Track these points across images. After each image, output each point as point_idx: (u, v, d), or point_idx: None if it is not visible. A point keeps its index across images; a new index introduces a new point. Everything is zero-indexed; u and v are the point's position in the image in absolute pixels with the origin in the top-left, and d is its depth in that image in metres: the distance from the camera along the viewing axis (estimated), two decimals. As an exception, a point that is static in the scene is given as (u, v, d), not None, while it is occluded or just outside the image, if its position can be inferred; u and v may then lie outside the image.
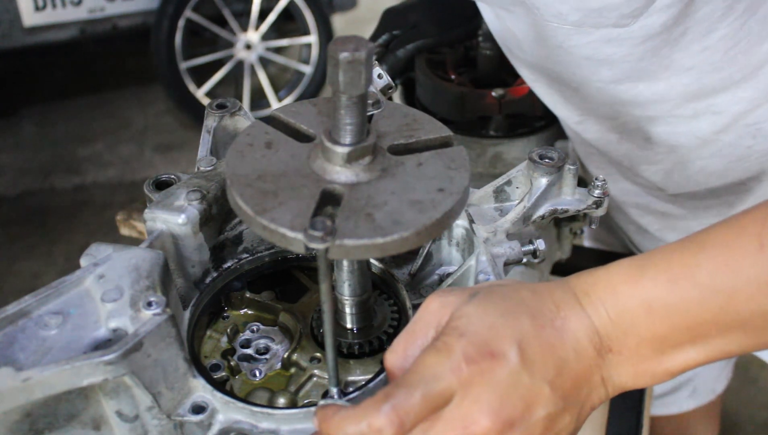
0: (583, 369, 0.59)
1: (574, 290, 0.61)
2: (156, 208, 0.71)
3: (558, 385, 0.57)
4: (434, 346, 0.56)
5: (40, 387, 0.57)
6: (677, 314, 0.59)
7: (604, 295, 0.60)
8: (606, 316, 0.60)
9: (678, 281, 0.59)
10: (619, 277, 0.61)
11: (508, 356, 0.55)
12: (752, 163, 0.97)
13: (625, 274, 0.61)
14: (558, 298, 0.60)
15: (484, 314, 0.57)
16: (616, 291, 0.60)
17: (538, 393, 0.56)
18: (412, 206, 0.58)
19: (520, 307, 0.58)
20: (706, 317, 0.58)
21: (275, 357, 0.75)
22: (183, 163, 3.93)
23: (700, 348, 0.60)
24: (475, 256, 0.73)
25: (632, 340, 0.60)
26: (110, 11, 3.91)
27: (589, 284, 0.61)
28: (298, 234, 0.55)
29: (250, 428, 0.64)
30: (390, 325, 0.74)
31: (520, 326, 0.57)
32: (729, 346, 0.60)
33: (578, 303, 0.60)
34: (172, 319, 0.62)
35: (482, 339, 0.56)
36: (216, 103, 0.85)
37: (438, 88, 1.14)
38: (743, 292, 0.57)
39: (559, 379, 0.57)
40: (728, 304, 0.58)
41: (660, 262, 0.60)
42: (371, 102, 0.69)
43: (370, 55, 0.55)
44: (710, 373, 1.50)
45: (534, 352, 0.56)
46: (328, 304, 0.60)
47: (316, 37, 4.19)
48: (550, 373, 0.57)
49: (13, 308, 0.61)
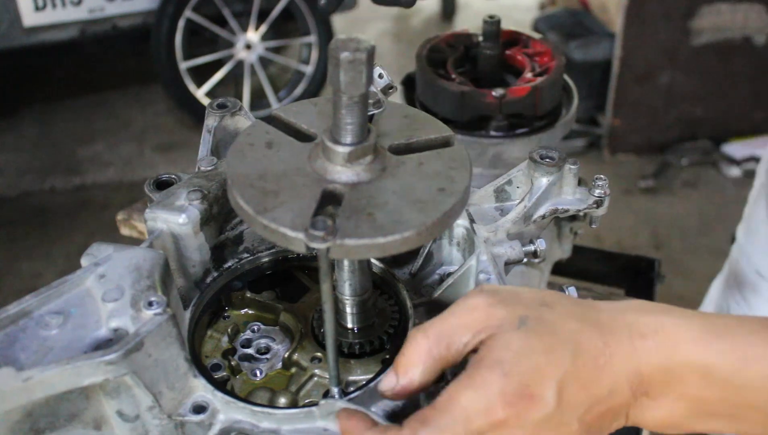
0: (614, 406, 0.58)
1: (631, 329, 0.59)
2: (157, 208, 0.71)
3: (586, 420, 0.57)
4: (472, 380, 0.55)
5: (41, 387, 0.57)
6: (732, 391, 0.58)
7: (664, 346, 0.58)
8: (657, 364, 0.58)
9: (749, 363, 0.57)
10: (689, 334, 0.58)
11: (546, 399, 0.55)
12: None
13: (696, 335, 0.58)
14: (608, 335, 0.58)
15: (531, 352, 0.56)
16: (678, 347, 0.58)
17: (566, 430, 0.56)
18: (413, 206, 0.58)
19: (566, 345, 0.57)
20: (758, 403, 0.58)
21: (276, 357, 0.75)
22: (183, 163, 3.92)
23: (734, 423, 0.60)
24: (475, 255, 0.73)
25: (674, 394, 0.59)
26: (110, 11, 3.91)
27: (650, 329, 0.59)
28: (299, 233, 0.55)
29: (250, 428, 0.64)
30: (390, 324, 0.74)
31: (563, 366, 0.56)
32: (762, 428, 0.60)
33: (631, 344, 0.58)
34: (172, 319, 0.62)
35: (524, 381, 0.55)
36: (216, 103, 0.85)
37: (438, 88, 1.14)
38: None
39: (589, 414, 0.57)
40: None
41: (738, 337, 0.58)
42: (372, 102, 0.69)
43: (371, 55, 0.55)
44: None
45: (571, 392, 0.56)
46: (329, 303, 0.60)
47: (316, 37, 4.19)
48: (581, 409, 0.57)
49: (14, 308, 0.61)
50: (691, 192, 3.73)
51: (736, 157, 3.81)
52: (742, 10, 3.58)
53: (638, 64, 3.65)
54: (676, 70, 3.70)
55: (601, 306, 0.61)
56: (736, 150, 3.84)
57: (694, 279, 3.18)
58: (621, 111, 3.78)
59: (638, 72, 3.68)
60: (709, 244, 3.38)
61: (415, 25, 5.59)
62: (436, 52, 1.22)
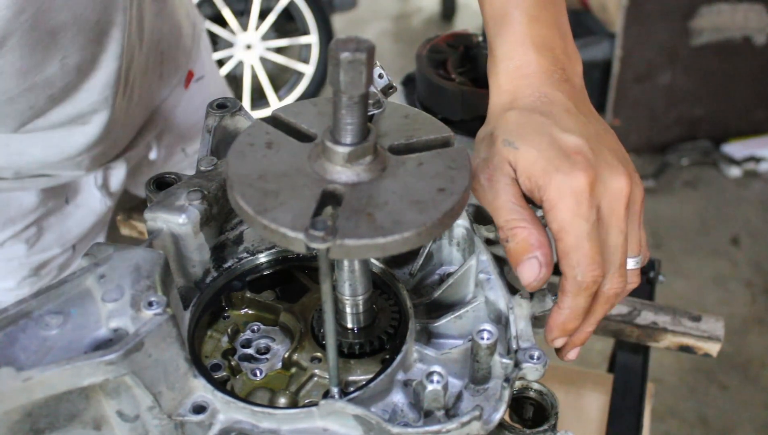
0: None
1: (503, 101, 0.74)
2: (157, 208, 0.71)
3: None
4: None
5: (40, 387, 0.57)
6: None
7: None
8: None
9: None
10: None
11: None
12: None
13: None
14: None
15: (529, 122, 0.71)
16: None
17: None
18: (413, 206, 0.58)
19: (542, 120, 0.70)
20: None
21: (276, 357, 0.75)
22: (183, 163, 3.92)
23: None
24: (475, 255, 0.73)
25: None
26: (110, 11, 3.91)
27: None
28: (299, 234, 0.55)
29: (250, 428, 0.64)
30: (390, 324, 0.74)
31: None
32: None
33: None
34: (172, 319, 0.62)
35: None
36: (216, 103, 0.85)
37: (439, 88, 1.14)
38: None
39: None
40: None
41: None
42: (372, 102, 0.69)
43: (371, 54, 0.55)
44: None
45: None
46: (329, 303, 0.60)
47: (316, 37, 4.19)
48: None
49: (14, 308, 0.61)
50: (691, 192, 3.73)
51: (736, 157, 3.81)
52: (742, 10, 3.58)
53: (638, 64, 3.66)
54: (676, 70, 3.70)
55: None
56: (736, 150, 3.85)
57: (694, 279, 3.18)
58: (621, 111, 3.78)
59: (638, 72, 3.69)
60: (709, 244, 3.38)
61: (415, 25, 5.59)
62: (436, 52, 1.22)
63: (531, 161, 0.66)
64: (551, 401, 0.72)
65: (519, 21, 0.75)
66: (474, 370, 0.67)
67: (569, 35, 0.78)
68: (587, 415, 1.23)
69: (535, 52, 0.74)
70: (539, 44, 0.75)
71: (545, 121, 0.68)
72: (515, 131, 0.69)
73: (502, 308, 0.70)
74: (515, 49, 0.75)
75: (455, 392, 0.68)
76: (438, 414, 0.62)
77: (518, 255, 0.65)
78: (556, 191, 0.64)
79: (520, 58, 0.74)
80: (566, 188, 0.64)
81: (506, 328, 0.69)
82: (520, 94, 0.73)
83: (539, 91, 0.72)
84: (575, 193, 0.64)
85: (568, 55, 0.76)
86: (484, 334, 0.65)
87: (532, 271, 0.64)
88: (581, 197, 0.64)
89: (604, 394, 1.23)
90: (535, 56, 0.74)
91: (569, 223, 0.64)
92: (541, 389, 0.73)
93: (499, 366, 0.67)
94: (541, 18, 0.75)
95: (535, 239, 0.65)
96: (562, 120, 0.69)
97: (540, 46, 0.74)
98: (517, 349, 0.68)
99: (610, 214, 0.65)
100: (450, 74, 1.18)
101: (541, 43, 0.75)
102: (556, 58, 0.75)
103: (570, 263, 0.64)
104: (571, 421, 1.21)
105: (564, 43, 0.77)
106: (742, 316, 3.06)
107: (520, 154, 0.67)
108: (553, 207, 0.65)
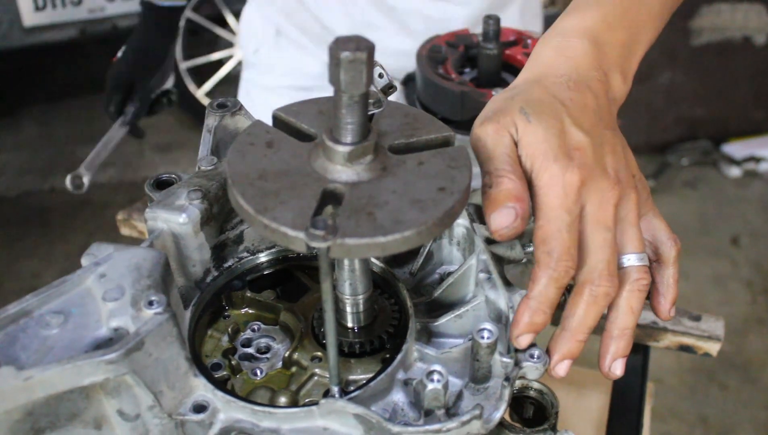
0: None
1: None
2: (157, 208, 0.71)
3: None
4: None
5: (41, 386, 0.57)
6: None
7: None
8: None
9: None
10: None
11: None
12: None
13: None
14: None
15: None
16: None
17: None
18: (413, 205, 0.58)
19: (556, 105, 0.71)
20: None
21: (276, 356, 0.75)
22: (183, 163, 3.93)
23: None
24: (475, 255, 0.73)
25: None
26: (110, 11, 3.91)
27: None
28: (300, 233, 0.55)
29: (251, 427, 0.64)
30: (390, 324, 0.74)
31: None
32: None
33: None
34: (173, 319, 0.62)
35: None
36: (216, 103, 0.85)
37: (439, 88, 1.14)
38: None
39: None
40: None
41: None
42: (372, 101, 0.69)
43: (371, 54, 0.55)
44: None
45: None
46: (330, 303, 0.60)
47: (316, 37, 4.18)
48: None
49: (14, 307, 0.61)
50: (691, 192, 3.73)
51: (736, 157, 3.82)
52: (742, 10, 3.59)
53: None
54: (676, 70, 3.70)
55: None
56: (736, 150, 3.85)
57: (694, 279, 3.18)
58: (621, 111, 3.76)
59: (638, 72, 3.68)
60: (709, 244, 3.38)
61: (415, 25, 5.58)
62: (436, 52, 1.22)
63: (536, 140, 0.67)
64: (551, 400, 0.72)
65: (593, 17, 0.77)
66: (474, 369, 0.67)
67: (633, 61, 0.80)
68: (587, 415, 1.23)
69: (590, 44, 0.75)
70: (599, 42, 0.75)
71: (561, 109, 0.69)
72: (534, 104, 0.70)
73: (503, 307, 0.70)
74: (576, 32, 0.76)
75: (455, 391, 0.68)
76: (438, 413, 0.62)
77: (497, 202, 0.66)
78: (548, 180, 0.66)
79: (574, 41, 0.75)
80: (558, 180, 0.65)
81: (506, 327, 0.69)
82: (553, 72, 0.73)
83: (570, 78, 0.72)
84: (565, 187, 0.65)
85: (618, 73, 0.77)
86: (484, 333, 0.65)
87: (508, 217, 0.65)
88: (569, 190, 0.65)
89: (604, 394, 1.23)
90: (589, 47, 0.75)
91: (552, 211, 0.65)
92: (542, 388, 0.73)
93: (499, 365, 0.67)
94: (615, 26, 0.77)
95: (519, 192, 0.66)
96: (577, 113, 0.70)
97: (597, 43, 0.75)
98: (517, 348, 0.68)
99: (595, 213, 0.67)
100: (450, 74, 1.18)
101: (602, 42, 0.75)
102: (606, 64, 0.75)
103: (546, 250, 0.66)
104: (571, 420, 1.21)
105: (621, 61, 0.77)
106: (742, 316, 3.07)
107: (530, 128, 0.68)
108: (541, 193, 0.66)
